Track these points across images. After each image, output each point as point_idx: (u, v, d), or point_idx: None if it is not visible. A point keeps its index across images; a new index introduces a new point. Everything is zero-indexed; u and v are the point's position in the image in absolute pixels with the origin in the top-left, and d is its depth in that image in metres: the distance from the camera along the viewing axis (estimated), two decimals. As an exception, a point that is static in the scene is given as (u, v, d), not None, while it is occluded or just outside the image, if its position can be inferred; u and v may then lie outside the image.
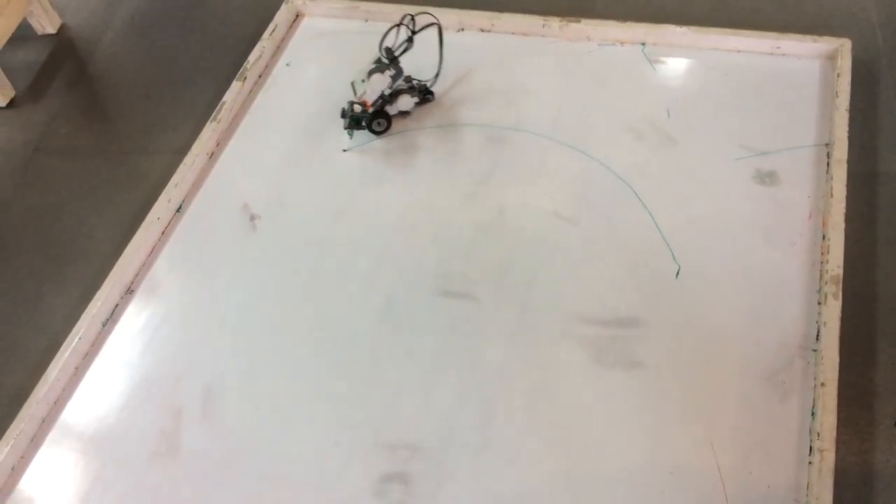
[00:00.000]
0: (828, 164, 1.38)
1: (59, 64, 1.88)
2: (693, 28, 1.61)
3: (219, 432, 1.19)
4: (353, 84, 1.52)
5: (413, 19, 1.51)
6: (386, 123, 1.54)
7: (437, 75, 1.58)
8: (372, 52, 1.55)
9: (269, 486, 1.13)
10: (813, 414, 1.10)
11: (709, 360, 1.18)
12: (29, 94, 1.82)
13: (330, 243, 1.40)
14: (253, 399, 1.22)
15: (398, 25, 1.51)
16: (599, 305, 1.26)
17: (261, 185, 1.50)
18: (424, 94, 1.57)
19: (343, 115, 1.54)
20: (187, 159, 1.52)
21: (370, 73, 1.50)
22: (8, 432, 1.20)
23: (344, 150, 1.51)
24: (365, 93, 1.50)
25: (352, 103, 1.53)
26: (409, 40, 1.51)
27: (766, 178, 1.38)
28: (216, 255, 1.41)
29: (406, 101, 1.54)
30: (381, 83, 1.50)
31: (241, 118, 1.63)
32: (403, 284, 1.33)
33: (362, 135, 1.54)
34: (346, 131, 1.54)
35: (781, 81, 1.53)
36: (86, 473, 1.18)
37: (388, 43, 1.52)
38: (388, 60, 1.51)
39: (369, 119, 1.52)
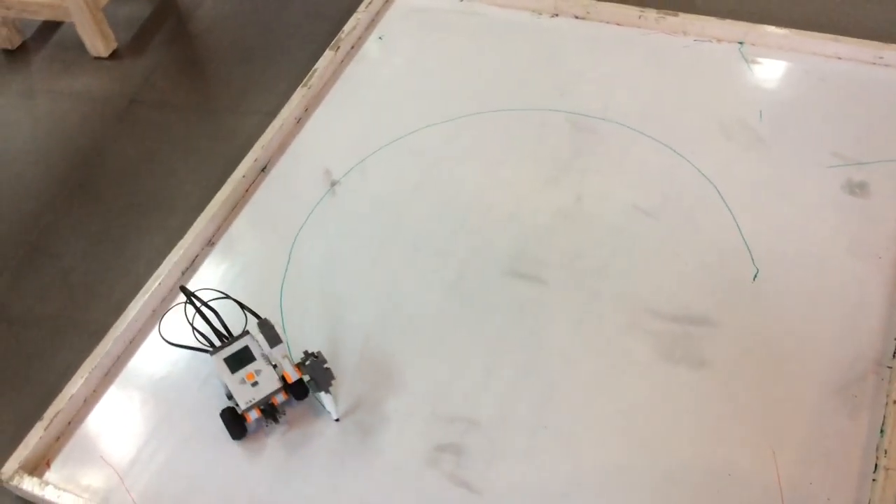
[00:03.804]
0: (923, 179, 1.33)
1: (162, 21, 1.94)
2: (794, 30, 1.57)
3: (283, 387, 1.22)
4: (228, 394, 1.17)
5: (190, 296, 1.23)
6: None
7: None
8: (465, 33, 1.55)
9: (322, 448, 1.16)
10: (882, 431, 1.07)
11: (779, 366, 1.16)
12: (130, 47, 1.88)
13: (406, 215, 1.41)
14: (318, 358, 1.24)
15: (190, 305, 1.23)
16: (671, 301, 1.25)
17: (344, 153, 1.52)
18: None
19: (312, 389, 1.17)
20: (275, 122, 1.55)
21: (269, 342, 1.16)
22: (84, 366, 1.25)
23: (336, 419, 1.17)
24: (284, 358, 1.16)
25: (310, 378, 1.15)
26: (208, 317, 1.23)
27: (857, 188, 1.34)
28: (295, 217, 1.43)
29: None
30: (282, 347, 1.18)
31: (330, 86, 1.65)
32: (475, 261, 1.33)
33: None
34: (326, 398, 1.16)
35: (881, 92, 1.49)
36: (153, 414, 1.22)
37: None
38: (235, 336, 1.20)
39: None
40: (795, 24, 1.59)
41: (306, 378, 1.15)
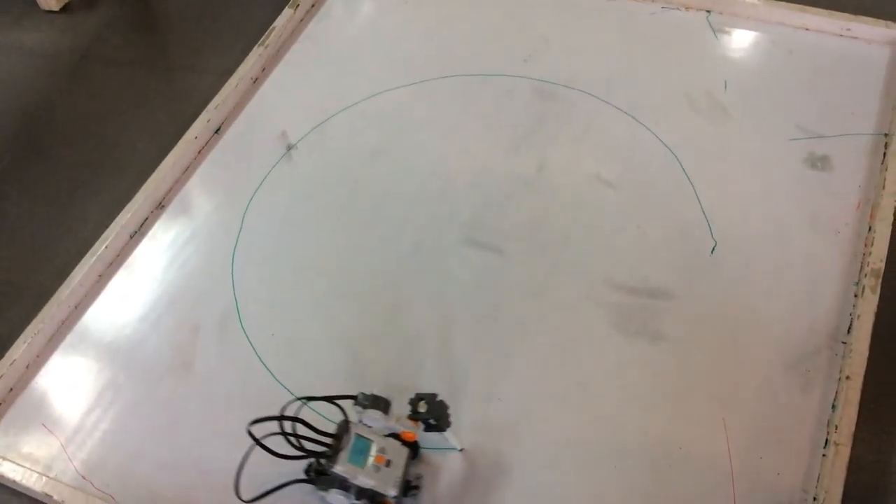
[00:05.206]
0: (884, 154, 1.32)
1: (116, -26, 1.88)
2: (762, 0, 1.55)
3: (233, 355, 1.19)
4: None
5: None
6: None
7: None
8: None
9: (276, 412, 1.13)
10: (833, 406, 1.07)
11: (734, 340, 1.15)
12: (83, 0, 1.82)
13: (364, 181, 1.38)
14: (270, 326, 1.22)
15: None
16: (629, 273, 1.23)
17: (301, 116, 1.48)
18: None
19: (438, 431, 1.03)
20: (231, 81, 1.51)
21: (383, 409, 1.01)
22: (26, 331, 1.21)
23: (461, 450, 1.08)
24: (398, 419, 1.02)
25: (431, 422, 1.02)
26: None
27: (819, 161, 1.34)
28: (249, 181, 1.40)
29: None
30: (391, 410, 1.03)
31: (289, 46, 1.61)
32: (433, 230, 1.31)
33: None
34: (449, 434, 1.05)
35: (847, 65, 1.47)
36: (98, 379, 1.19)
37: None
38: (339, 433, 0.99)
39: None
40: (764, -7, 1.57)
41: (422, 428, 1.02)
